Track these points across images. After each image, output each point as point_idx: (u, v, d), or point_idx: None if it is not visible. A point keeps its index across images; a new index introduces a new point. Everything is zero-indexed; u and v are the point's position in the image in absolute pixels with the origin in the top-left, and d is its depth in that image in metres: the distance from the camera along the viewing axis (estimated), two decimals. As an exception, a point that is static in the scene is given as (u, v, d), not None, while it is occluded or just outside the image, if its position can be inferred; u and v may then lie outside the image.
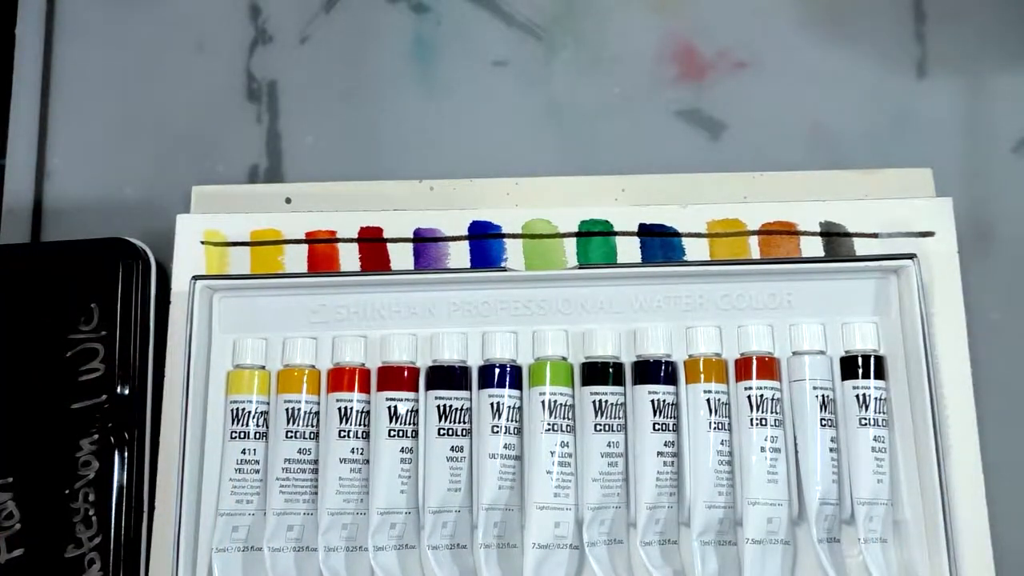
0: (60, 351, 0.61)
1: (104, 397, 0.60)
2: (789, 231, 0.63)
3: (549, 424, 0.58)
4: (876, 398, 0.58)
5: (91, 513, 0.59)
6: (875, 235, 0.63)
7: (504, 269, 0.63)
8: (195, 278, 0.61)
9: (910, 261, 0.59)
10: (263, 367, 0.61)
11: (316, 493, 0.59)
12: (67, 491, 0.59)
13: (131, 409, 0.60)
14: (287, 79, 0.70)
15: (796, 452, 0.58)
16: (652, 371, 0.59)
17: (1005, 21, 0.69)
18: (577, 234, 0.64)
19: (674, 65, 0.69)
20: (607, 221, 0.64)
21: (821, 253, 0.63)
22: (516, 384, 0.60)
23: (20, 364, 0.61)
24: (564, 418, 0.59)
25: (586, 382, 0.59)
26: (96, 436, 0.60)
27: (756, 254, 0.63)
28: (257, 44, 0.71)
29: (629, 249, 0.64)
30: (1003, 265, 0.65)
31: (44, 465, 0.60)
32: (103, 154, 0.70)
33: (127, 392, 0.60)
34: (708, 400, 0.59)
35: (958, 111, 0.67)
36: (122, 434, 0.60)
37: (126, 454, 0.60)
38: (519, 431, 0.59)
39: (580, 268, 0.62)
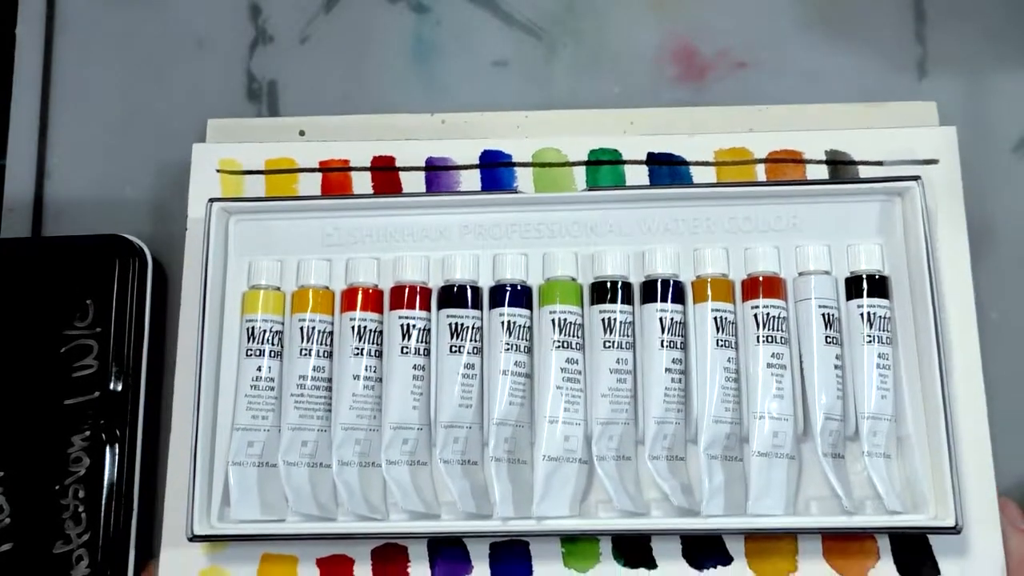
0: (54, 347, 0.61)
1: (97, 394, 0.60)
2: (795, 159, 0.64)
3: (559, 341, 0.59)
4: (881, 316, 0.59)
5: (80, 510, 0.59)
6: (879, 163, 0.64)
7: (515, 191, 0.64)
8: (211, 200, 0.62)
9: (914, 183, 0.60)
10: (278, 288, 0.62)
11: (330, 410, 0.60)
12: (57, 487, 0.59)
13: (123, 406, 0.60)
14: (287, 79, 0.70)
15: (802, 370, 0.59)
16: (660, 290, 0.60)
17: (1005, 21, 0.69)
18: (587, 163, 0.65)
19: (674, 65, 0.70)
20: (616, 150, 0.65)
21: (827, 180, 0.64)
22: (527, 304, 0.61)
23: (14, 359, 0.61)
24: (574, 336, 0.60)
25: (595, 301, 0.60)
26: (88, 433, 0.60)
27: (763, 182, 0.64)
28: (257, 44, 0.71)
29: (638, 178, 0.64)
30: (1003, 265, 0.65)
31: (35, 461, 0.60)
32: (103, 153, 0.70)
33: (120, 389, 0.60)
34: (715, 319, 0.59)
35: (958, 111, 0.67)
36: (114, 431, 0.60)
37: (117, 451, 0.60)
38: (529, 350, 0.60)
39: (589, 190, 0.63)
